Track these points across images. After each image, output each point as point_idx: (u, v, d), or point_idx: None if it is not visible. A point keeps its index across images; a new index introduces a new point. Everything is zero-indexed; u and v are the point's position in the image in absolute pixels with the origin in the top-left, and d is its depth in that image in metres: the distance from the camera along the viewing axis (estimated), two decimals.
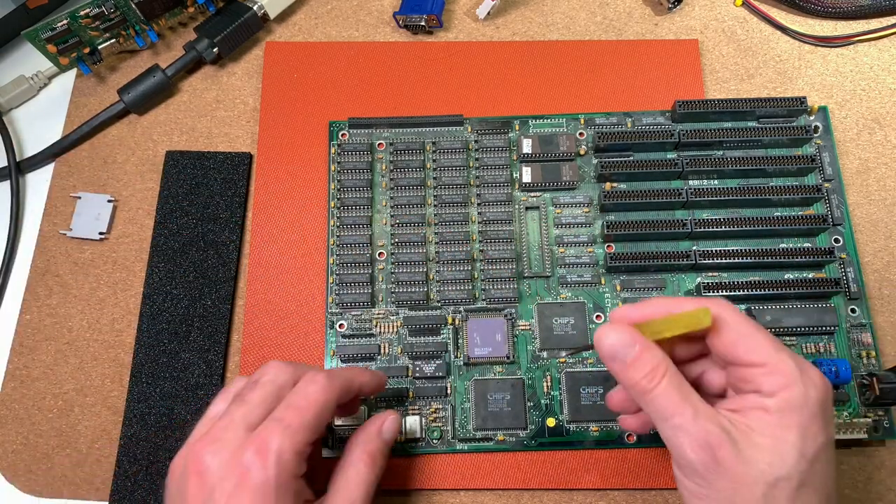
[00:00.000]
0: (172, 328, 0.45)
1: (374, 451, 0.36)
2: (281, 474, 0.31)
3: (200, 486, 0.31)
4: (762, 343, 0.30)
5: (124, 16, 0.48)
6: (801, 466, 0.29)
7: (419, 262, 0.45)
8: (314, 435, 0.33)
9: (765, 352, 0.30)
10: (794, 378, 0.30)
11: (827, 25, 0.52)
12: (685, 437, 0.30)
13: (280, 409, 0.33)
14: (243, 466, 0.31)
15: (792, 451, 0.29)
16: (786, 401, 0.29)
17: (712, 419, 0.30)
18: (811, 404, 0.29)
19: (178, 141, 0.50)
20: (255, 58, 0.52)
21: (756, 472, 0.29)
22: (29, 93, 0.51)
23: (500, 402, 0.42)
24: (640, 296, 0.44)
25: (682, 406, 0.30)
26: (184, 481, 0.32)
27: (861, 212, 0.47)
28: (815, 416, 0.29)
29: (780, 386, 0.30)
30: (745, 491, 0.29)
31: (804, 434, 0.29)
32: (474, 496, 0.42)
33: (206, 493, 0.31)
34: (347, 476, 0.35)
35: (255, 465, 0.30)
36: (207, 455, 0.31)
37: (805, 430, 0.29)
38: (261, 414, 0.33)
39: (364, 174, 0.47)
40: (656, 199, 0.45)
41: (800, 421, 0.29)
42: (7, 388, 0.44)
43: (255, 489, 0.30)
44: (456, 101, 0.50)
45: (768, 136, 0.46)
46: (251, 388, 0.34)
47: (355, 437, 0.36)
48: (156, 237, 0.47)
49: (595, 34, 0.52)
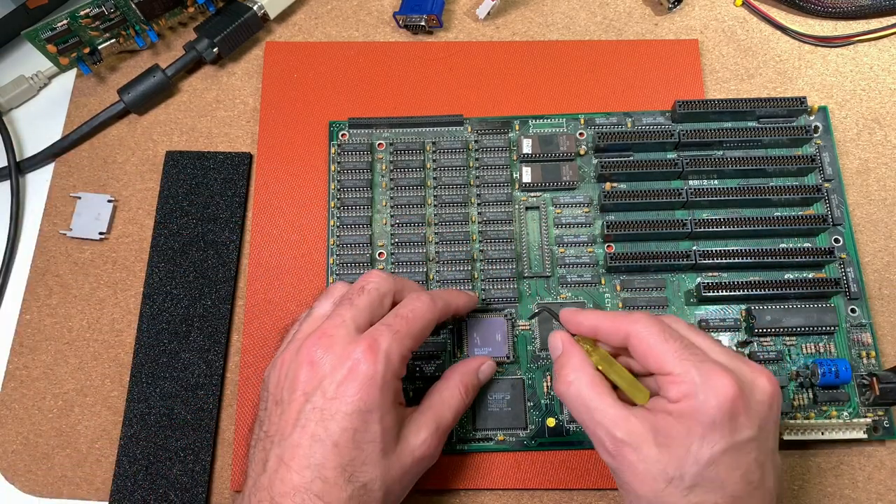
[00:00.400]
0: (172, 328, 0.45)
1: (468, 384, 0.39)
2: (386, 372, 0.34)
3: (312, 374, 0.34)
4: (670, 355, 0.33)
5: (124, 16, 0.48)
6: (692, 469, 0.31)
7: (419, 262, 0.45)
8: (416, 345, 0.36)
9: (672, 363, 0.33)
10: (695, 388, 0.32)
11: (827, 25, 0.52)
12: (596, 436, 0.34)
13: (389, 317, 0.36)
14: (354, 360, 0.34)
15: (686, 455, 0.31)
16: (686, 408, 0.32)
17: (620, 422, 0.33)
18: (709, 412, 0.31)
19: (178, 141, 0.50)
20: (255, 58, 0.52)
21: (654, 470, 0.32)
22: (29, 93, 0.51)
23: (500, 402, 0.42)
24: (640, 296, 0.44)
25: (595, 409, 0.34)
26: (294, 369, 0.35)
27: (861, 212, 0.47)
28: (713, 423, 0.31)
29: (682, 394, 0.32)
30: (645, 486, 0.32)
31: (701, 439, 0.31)
32: (474, 496, 0.42)
33: (316, 381, 0.34)
34: (442, 397, 0.38)
35: (366, 360, 0.33)
36: (319, 348, 0.34)
37: (702, 436, 0.31)
38: (367, 317, 0.36)
39: (364, 174, 0.47)
40: (656, 199, 0.45)
41: (697, 428, 0.31)
42: (7, 388, 0.44)
43: (363, 381, 0.33)
44: (456, 101, 0.50)
45: (768, 136, 0.46)
46: (358, 293, 0.37)
47: (455, 367, 0.40)
48: (156, 237, 0.47)
49: (595, 34, 0.52)
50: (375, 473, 0.33)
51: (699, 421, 0.31)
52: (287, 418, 0.34)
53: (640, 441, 0.32)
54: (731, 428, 0.31)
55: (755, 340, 0.43)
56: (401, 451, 0.35)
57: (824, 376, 0.41)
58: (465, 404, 0.39)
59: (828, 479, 0.42)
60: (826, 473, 0.42)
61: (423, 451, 0.36)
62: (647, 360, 0.34)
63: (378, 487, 0.34)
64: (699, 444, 0.31)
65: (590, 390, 0.34)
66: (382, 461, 0.34)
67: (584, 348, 0.36)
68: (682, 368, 0.32)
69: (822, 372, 0.41)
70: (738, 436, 0.32)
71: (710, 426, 0.31)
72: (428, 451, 0.36)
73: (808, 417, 0.41)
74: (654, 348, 0.34)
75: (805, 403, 0.42)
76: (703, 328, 0.43)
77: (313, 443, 0.33)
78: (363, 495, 0.33)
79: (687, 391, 0.32)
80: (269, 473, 0.33)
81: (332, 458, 0.33)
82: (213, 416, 0.43)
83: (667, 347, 0.33)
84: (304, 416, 0.33)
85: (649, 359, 0.34)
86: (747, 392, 0.32)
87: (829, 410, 0.42)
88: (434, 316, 0.37)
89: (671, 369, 0.33)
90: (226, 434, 0.43)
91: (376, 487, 0.33)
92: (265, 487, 0.33)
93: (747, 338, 0.43)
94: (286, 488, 0.32)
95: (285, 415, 0.34)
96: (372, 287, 0.37)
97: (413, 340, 0.36)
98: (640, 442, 0.32)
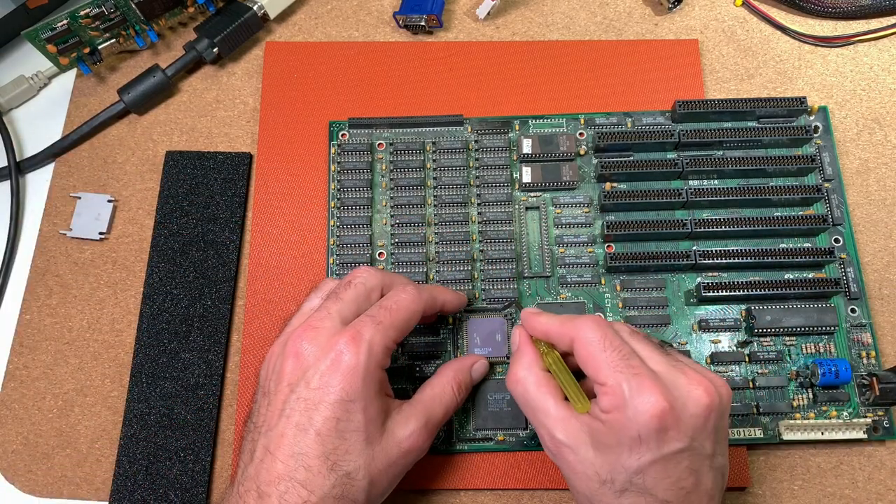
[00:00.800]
0: (172, 328, 0.45)
1: (461, 382, 0.39)
2: (370, 362, 0.34)
3: (296, 366, 0.35)
4: (605, 365, 0.34)
5: (124, 16, 0.48)
6: (622, 476, 0.32)
7: (419, 262, 0.45)
8: (400, 336, 0.36)
9: (605, 374, 0.33)
10: (624, 401, 0.32)
11: (827, 25, 0.52)
12: (539, 434, 0.36)
13: (374, 309, 0.36)
14: (337, 350, 0.34)
15: (616, 463, 0.33)
16: (615, 420, 0.33)
17: (560, 424, 0.34)
18: (635, 427, 0.32)
19: (178, 141, 0.50)
20: (255, 58, 0.52)
21: (590, 471, 0.33)
22: (29, 93, 0.51)
23: (500, 402, 0.42)
24: (640, 296, 0.44)
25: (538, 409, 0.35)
26: (280, 362, 0.35)
27: (861, 212, 0.47)
28: (639, 437, 0.32)
29: (612, 406, 0.33)
30: (582, 484, 0.34)
31: (629, 451, 0.32)
32: (474, 496, 0.42)
33: (300, 372, 0.35)
34: (434, 392, 0.38)
35: (349, 351, 0.34)
36: (304, 340, 0.35)
37: (630, 448, 0.32)
38: (353, 310, 0.36)
39: (364, 174, 0.47)
40: (656, 199, 0.45)
41: (625, 439, 0.32)
42: (7, 388, 0.44)
43: (345, 371, 0.34)
44: (456, 101, 0.50)
45: (768, 136, 0.46)
46: (345, 287, 0.37)
47: (449, 364, 0.40)
48: (156, 237, 0.47)
49: (595, 34, 0.52)
50: (359, 463, 0.34)
51: (627, 434, 0.32)
52: (273, 409, 0.35)
53: (578, 443, 0.34)
54: (658, 442, 0.32)
55: (755, 340, 0.43)
56: (386, 442, 0.35)
57: (824, 376, 0.41)
58: (457, 402, 0.39)
59: (828, 479, 0.42)
60: (826, 473, 0.42)
61: (409, 443, 0.36)
62: (586, 366, 0.35)
63: (362, 477, 0.34)
64: (627, 454, 0.32)
65: (536, 390, 0.35)
66: (366, 450, 0.34)
67: (539, 349, 0.37)
68: (614, 380, 0.33)
69: (822, 372, 0.41)
70: (667, 448, 0.32)
71: (637, 440, 0.32)
72: (415, 444, 0.36)
73: (808, 417, 0.42)
74: (593, 356, 0.34)
75: (805, 403, 0.42)
76: (703, 328, 0.43)
77: (297, 432, 0.33)
78: (346, 484, 0.33)
79: (617, 403, 0.33)
80: (255, 463, 0.34)
81: (316, 447, 0.33)
82: (213, 416, 0.43)
83: (604, 357, 0.34)
84: (288, 407, 0.34)
85: (588, 366, 0.34)
86: (679, 406, 0.32)
87: (829, 410, 0.42)
88: (419, 307, 0.37)
89: (605, 380, 0.33)
90: (226, 434, 0.43)
91: (360, 477, 0.34)
92: (252, 477, 0.34)
93: (747, 338, 0.43)
94: (271, 477, 0.33)
95: (272, 406, 0.35)
96: (358, 281, 0.37)
97: (397, 331, 0.36)
98: (578, 444, 0.34)
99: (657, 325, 0.43)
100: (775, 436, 0.41)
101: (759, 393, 0.42)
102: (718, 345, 0.43)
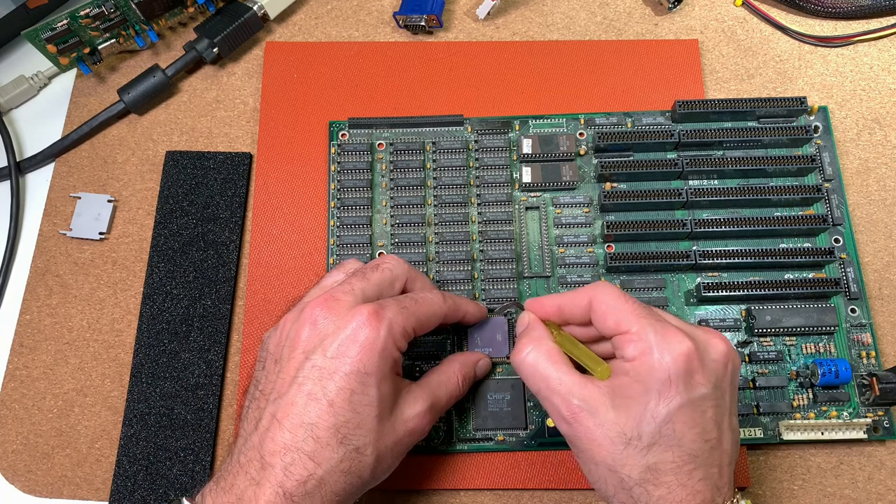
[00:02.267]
0: (172, 328, 0.45)
1: (466, 375, 0.40)
2: (388, 339, 0.34)
3: (313, 333, 0.34)
4: (628, 313, 0.34)
5: (124, 16, 0.48)
6: (650, 427, 0.32)
7: (419, 263, 0.45)
8: (420, 329, 0.36)
9: (629, 321, 0.34)
10: (651, 345, 0.33)
11: (827, 25, 0.52)
12: (552, 404, 0.34)
13: (400, 297, 0.36)
14: (358, 322, 0.34)
15: (644, 414, 0.32)
16: (642, 366, 0.33)
17: (576, 389, 0.34)
18: (665, 369, 0.32)
19: (178, 141, 0.50)
20: (255, 58, 0.52)
21: (612, 433, 0.32)
22: (29, 93, 0.51)
23: (500, 402, 0.42)
24: (641, 296, 0.44)
25: (550, 378, 0.34)
26: (296, 329, 0.35)
27: (861, 212, 0.47)
28: (668, 380, 0.32)
29: (639, 352, 0.33)
30: (603, 450, 0.33)
31: (658, 396, 0.32)
32: (474, 496, 0.42)
33: (317, 339, 0.34)
34: (440, 379, 0.38)
35: (369, 324, 0.33)
36: (324, 310, 0.34)
37: (659, 392, 0.32)
38: (376, 293, 0.36)
39: (364, 174, 0.47)
40: (656, 199, 0.45)
41: (653, 385, 0.32)
42: (7, 388, 0.44)
43: (364, 343, 0.33)
44: (456, 101, 0.50)
45: (768, 136, 0.46)
46: (372, 269, 0.37)
47: (455, 356, 0.40)
48: (156, 237, 0.47)
49: (595, 34, 0.52)
50: (369, 438, 0.33)
51: (656, 378, 0.32)
52: (285, 376, 0.34)
53: (596, 405, 0.33)
54: (686, 385, 0.32)
55: (755, 340, 0.43)
56: (395, 420, 0.35)
57: (824, 376, 0.41)
58: (460, 392, 0.39)
59: (828, 479, 0.42)
60: (826, 473, 0.42)
61: (415, 423, 0.35)
62: (606, 320, 0.35)
63: (370, 453, 0.33)
64: (656, 401, 0.32)
65: (546, 360, 0.35)
66: (377, 427, 0.33)
67: (548, 329, 0.37)
68: (639, 326, 0.33)
69: (822, 372, 0.41)
70: (694, 393, 0.32)
71: (667, 383, 0.32)
72: (420, 424, 0.36)
73: (808, 417, 0.42)
74: (614, 309, 0.34)
75: (805, 403, 0.42)
76: None
77: (309, 401, 0.33)
78: (355, 459, 0.33)
79: (644, 349, 0.33)
80: (260, 432, 0.33)
81: (327, 418, 0.32)
82: (213, 416, 0.43)
83: (626, 307, 0.34)
84: (302, 375, 0.33)
85: (609, 319, 0.34)
86: (702, 351, 0.33)
87: (829, 410, 0.42)
88: (442, 311, 0.37)
89: (628, 327, 0.34)
90: (226, 434, 0.43)
91: (368, 452, 0.33)
92: (255, 446, 0.33)
93: (747, 338, 0.43)
94: (276, 447, 0.32)
95: (283, 373, 0.34)
96: (386, 267, 0.37)
97: (418, 322, 0.36)
98: (596, 406, 0.33)
99: None
100: (775, 436, 0.41)
101: (759, 393, 0.42)
102: None
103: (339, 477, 0.32)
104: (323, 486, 0.32)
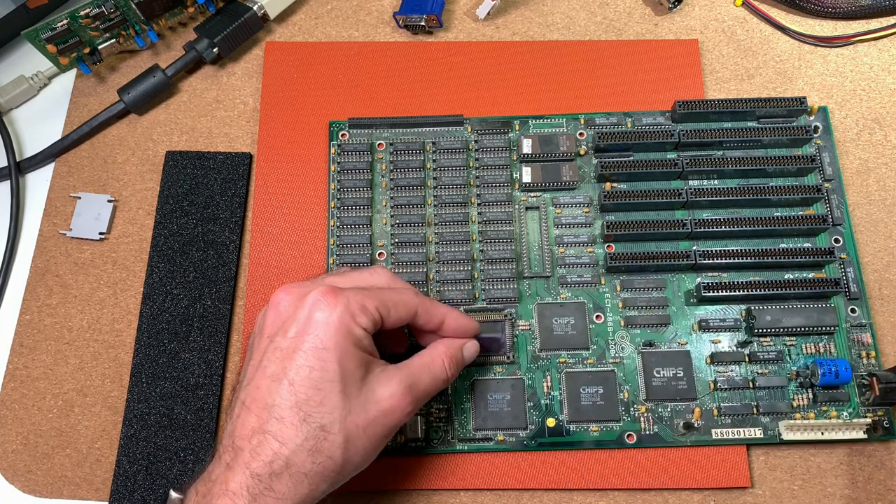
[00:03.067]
0: (172, 328, 0.45)
1: (453, 357, 0.39)
2: (344, 314, 0.34)
3: (275, 317, 0.35)
4: None
5: (124, 16, 0.48)
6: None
7: (419, 262, 0.45)
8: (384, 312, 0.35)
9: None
10: None
11: (827, 25, 0.52)
12: None
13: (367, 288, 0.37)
14: (313, 300, 0.34)
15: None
16: None
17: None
18: None
19: (178, 141, 0.50)
20: (255, 58, 0.52)
21: None
22: (29, 93, 0.51)
23: (499, 402, 0.42)
24: (640, 296, 0.44)
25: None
26: (263, 316, 0.36)
27: (861, 212, 0.47)
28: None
29: None
30: None
31: None
32: (474, 496, 0.42)
33: (279, 322, 0.35)
34: (423, 360, 0.37)
35: (325, 301, 0.34)
36: (287, 294, 0.35)
37: None
38: (347, 284, 0.36)
39: (364, 174, 0.47)
40: (656, 199, 0.45)
41: None
42: (7, 388, 0.44)
43: (321, 320, 0.34)
44: (456, 101, 0.50)
45: (768, 136, 0.46)
46: (351, 270, 0.39)
47: (442, 341, 0.39)
48: (156, 237, 0.47)
49: (595, 34, 0.52)
50: (334, 416, 0.33)
51: None
52: (253, 363, 0.35)
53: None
54: None
55: (755, 340, 0.43)
56: (365, 398, 0.34)
57: (824, 376, 0.41)
58: (446, 375, 0.38)
59: (828, 479, 0.42)
60: (826, 473, 0.42)
61: (389, 403, 0.34)
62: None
63: (337, 431, 0.33)
64: None
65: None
66: (342, 404, 0.33)
67: None
68: None
69: (822, 372, 0.41)
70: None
71: None
72: (396, 404, 0.35)
73: (808, 417, 0.42)
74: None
75: (805, 403, 0.42)
76: (703, 328, 0.43)
77: (271, 383, 0.33)
78: (320, 437, 0.33)
79: None
80: (232, 420, 0.34)
81: (288, 398, 0.33)
82: (213, 416, 0.43)
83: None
84: (266, 358, 0.34)
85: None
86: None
87: (829, 410, 0.42)
88: (412, 302, 0.37)
89: None
90: None
91: (335, 430, 0.33)
92: (229, 434, 0.33)
93: (747, 338, 0.43)
94: (245, 431, 0.33)
95: (252, 360, 0.35)
96: (368, 269, 0.38)
97: (381, 303, 0.35)
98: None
99: (657, 325, 0.43)
100: (775, 436, 0.41)
101: (759, 393, 0.42)
102: (718, 345, 0.43)
103: (306, 456, 0.32)
104: (290, 466, 0.32)
